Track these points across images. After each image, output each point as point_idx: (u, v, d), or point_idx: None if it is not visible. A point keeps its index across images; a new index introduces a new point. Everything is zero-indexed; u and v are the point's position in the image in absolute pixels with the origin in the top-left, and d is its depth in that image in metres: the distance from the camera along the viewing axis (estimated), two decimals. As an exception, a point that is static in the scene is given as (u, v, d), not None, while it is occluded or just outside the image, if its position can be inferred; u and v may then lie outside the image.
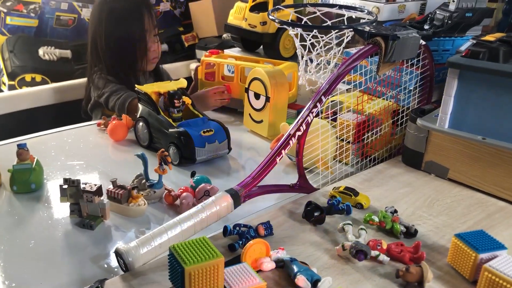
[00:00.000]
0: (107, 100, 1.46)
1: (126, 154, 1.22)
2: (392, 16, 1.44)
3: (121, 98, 1.43)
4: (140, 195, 0.94)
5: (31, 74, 2.00)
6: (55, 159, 1.17)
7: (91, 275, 0.75)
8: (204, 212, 0.77)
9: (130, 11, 1.46)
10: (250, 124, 1.34)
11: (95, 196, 0.88)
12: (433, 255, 0.76)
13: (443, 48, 1.20)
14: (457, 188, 0.99)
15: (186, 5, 2.46)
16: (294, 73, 1.39)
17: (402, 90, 1.15)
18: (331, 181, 1.04)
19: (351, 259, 0.74)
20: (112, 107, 1.45)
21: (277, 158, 0.87)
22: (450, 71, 0.95)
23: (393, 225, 0.81)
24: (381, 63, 0.98)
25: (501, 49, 0.90)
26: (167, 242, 0.72)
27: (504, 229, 0.85)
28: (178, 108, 1.20)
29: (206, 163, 1.16)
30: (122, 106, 1.42)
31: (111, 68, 1.49)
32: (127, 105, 1.41)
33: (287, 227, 0.83)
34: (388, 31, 0.98)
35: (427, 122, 1.02)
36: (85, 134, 1.33)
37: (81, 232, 0.88)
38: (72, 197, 0.90)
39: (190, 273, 0.57)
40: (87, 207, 0.89)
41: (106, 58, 1.49)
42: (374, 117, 1.12)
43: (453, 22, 1.17)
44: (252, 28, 1.56)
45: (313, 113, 0.92)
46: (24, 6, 2.03)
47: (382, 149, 1.15)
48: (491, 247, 0.69)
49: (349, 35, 1.17)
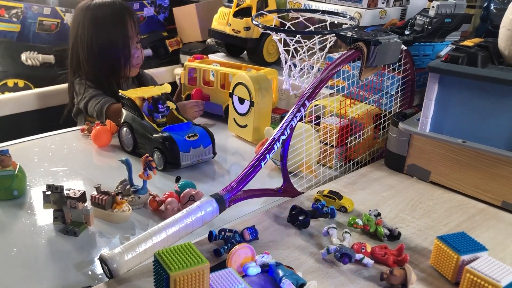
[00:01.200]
0: (86, 105, 1.46)
1: (110, 160, 1.21)
2: (374, 21, 1.46)
3: (99, 104, 1.42)
4: (124, 201, 0.94)
5: (14, 80, 1.98)
6: (38, 165, 1.15)
7: (75, 282, 0.75)
8: (189, 217, 0.77)
9: (113, 18, 1.45)
10: (234, 129, 1.35)
11: (79, 202, 0.87)
12: (416, 257, 0.78)
13: (423, 53, 1.22)
14: (438, 191, 1.00)
15: (170, 10, 2.46)
16: (274, 80, 1.41)
17: (384, 95, 1.17)
18: (315, 184, 1.04)
19: (335, 262, 0.75)
20: (91, 113, 1.45)
21: (261, 163, 0.88)
22: (430, 76, 0.97)
23: (376, 228, 0.82)
24: (363, 68, 0.99)
25: (479, 54, 0.92)
26: (152, 248, 0.72)
27: (484, 231, 0.86)
28: (162, 113, 1.20)
29: (191, 168, 1.16)
30: (100, 111, 1.41)
31: (93, 75, 1.48)
32: (105, 110, 1.41)
33: (272, 231, 0.83)
34: (370, 37, 0.99)
35: (409, 126, 1.03)
36: (68, 140, 1.32)
37: (65, 239, 0.87)
38: (56, 203, 0.89)
39: (175, 279, 0.57)
40: (70, 213, 0.89)
41: (88, 65, 1.48)
42: (357, 121, 1.14)
43: (433, 27, 1.20)
44: (236, 33, 1.56)
45: (297, 117, 0.92)
46: (6, 10, 2.01)
47: (365, 152, 1.17)
48: (473, 248, 0.70)
49: (331, 40, 1.18)
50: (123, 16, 1.47)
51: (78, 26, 1.47)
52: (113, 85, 1.49)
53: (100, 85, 1.49)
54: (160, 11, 2.45)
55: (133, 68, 1.54)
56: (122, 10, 1.47)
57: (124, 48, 1.47)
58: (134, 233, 0.90)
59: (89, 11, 1.45)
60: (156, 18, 2.46)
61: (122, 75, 1.52)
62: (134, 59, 1.52)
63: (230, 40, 1.61)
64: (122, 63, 1.49)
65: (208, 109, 1.48)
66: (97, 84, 1.49)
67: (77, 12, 1.49)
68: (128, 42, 1.48)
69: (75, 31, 1.48)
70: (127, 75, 1.54)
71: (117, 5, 1.47)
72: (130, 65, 1.51)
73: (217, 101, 1.46)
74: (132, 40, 1.50)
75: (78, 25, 1.47)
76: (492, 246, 0.79)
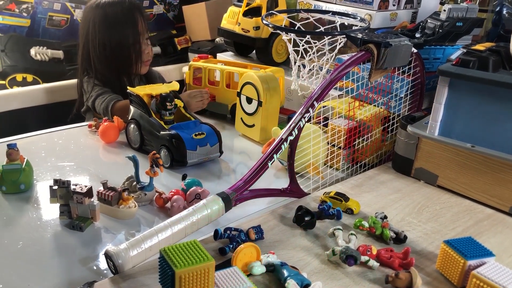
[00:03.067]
0: (94, 104, 1.47)
1: (117, 156, 1.22)
2: (384, 23, 1.46)
3: (105, 102, 1.43)
4: (130, 197, 0.94)
5: (22, 74, 1.99)
6: (45, 160, 1.16)
7: (80, 277, 0.75)
8: (195, 215, 0.77)
9: (124, 16, 1.46)
10: (241, 128, 1.34)
11: (85, 198, 0.88)
12: (422, 261, 0.77)
13: (434, 56, 1.21)
14: (446, 195, 1.00)
15: (179, 8, 2.46)
16: (280, 78, 1.40)
17: (393, 97, 1.16)
18: (322, 186, 1.04)
19: (341, 264, 0.74)
20: (99, 111, 1.46)
21: (268, 162, 0.88)
22: (440, 79, 0.96)
23: (383, 230, 0.81)
24: (373, 70, 0.99)
25: (491, 59, 0.92)
26: (158, 244, 0.72)
27: (491, 236, 0.86)
28: (170, 111, 1.20)
29: (197, 166, 1.16)
30: (106, 109, 1.43)
31: (102, 73, 1.49)
32: (110, 108, 1.42)
33: (278, 231, 0.83)
34: (380, 39, 0.98)
35: (418, 129, 1.02)
36: (76, 135, 1.32)
37: (71, 234, 0.87)
38: (62, 198, 0.89)
39: (181, 276, 0.57)
40: (77, 208, 0.89)
41: (99, 63, 1.49)
42: (365, 123, 1.13)
43: (444, 31, 1.19)
44: (245, 32, 1.56)
45: (305, 118, 0.92)
46: (17, 5, 2.02)
47: (373, 155, 1.16)
48: (479, 254, 0.69)
49: (341, 42, 1.18)
50: (133, 13, 1.47)
51: (88, 24, 1.47)
52: (123, 82, 1.49)
53: (109, 83, 1.49)
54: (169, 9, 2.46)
55: (144, 64, 1.55)
56: (132, 7, 1.48)
57: (135, 45, 1.48)
58: (140, 229, 0.90)
59: (99, 9, 1.46)
60: (165, 15, 2.47)
61: (133, 72, 1.52)
62: (145, 55, 1.53)
63: (239, 39, 1.61)
64: (134, 60, 1.50)
65: (213, 108, 1.47)
66: (106, 83, 1.50)
67: (86, 10, 1.50)
68: (139, 38, 1.49)
69: (85, 29, 1.49)
70: (138, 72, 1.55)
71: (127, 2, 1.48)
72: (141, 62, 1.52)
73: (223, 101, 1.45)
74: (143, 36, 1.51)
75: (88, 24, 1.47)
76: (499, 252, 0.79)
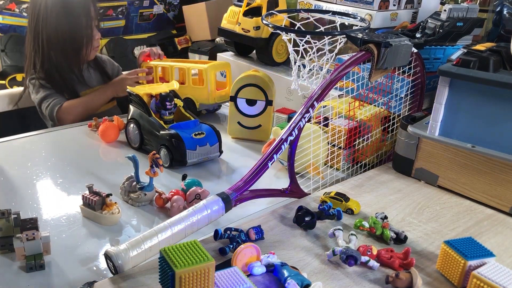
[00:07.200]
0: (40, 108, 1.45)
1: (117, 156, 1.21)
2: (384, 23, 1.46)
3: (49, 108, 1.42)
4: (114, 203, 0.92)
5: (22, 74, 1.99)
6: (46, 160, 1.16)
7: (79, 277, 0.75)
8: (195, 215, 0.77)
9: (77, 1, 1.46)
10: (239, 133, 1.33)
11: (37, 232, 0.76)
12: (422, 261, 0.77)
13: (434, 56, 1.21)
14: (446, 195, 1.00)
15: (179, 8, 2.46)
16: (227, 72, 1.45)
17: (393, 97, 1.16)
18: (322, 186, 1.04)
19: (341, 264, 0.74)
20: (45, 116, 1.44)
21: (269, 163, 0.88)
22: (441, 79, 0.96)
23: (383, 231, 0.81)
24: (373, 70, 0.99)
25: (491, 59, 0.92)
26: (157, 245, 0.72)
27: (492, 237, 0.85)
28: (169, 110, 1.20)
29: (197, 166, 1.16)
30: (51, 115, 1.41)
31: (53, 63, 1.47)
32: (56, 114, 1.40)
33: (278, 231, 0.83)
34: (380, 38, 0.98)
35: (418, 129, 1.02)
36: (76, 135, 1.32)
37: (71, 233, 0.87)
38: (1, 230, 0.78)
39: (181, 276, 0.57)
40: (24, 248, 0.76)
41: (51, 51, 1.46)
42: (365, 123, 1.13)
43: (445, 31, 1.19)
44: (245, 32, 1.56)
45: (305, 118, 0.92)
46: (16, 5, 2.02)
47: (373, 155, 1.16)
48: (480, 254, 0.69)
49: (342, 42, 1.17)
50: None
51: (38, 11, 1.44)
52: (72, 75, 1.49)
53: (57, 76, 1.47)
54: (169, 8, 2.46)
55: (94, 49, 1.55)
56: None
57: (87, 29, 1.48)
58: (140, 230, 0.90)
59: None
60: (165, 15, 2.47)
61: (83, 57, 1.52)
62: (95, 40, 1.53)
63: (239, 39, 1.61)
64: (84, 43, 1.49)
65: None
66: (53, 77, 1.47)
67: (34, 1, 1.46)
68: (91, 23, 1.49)
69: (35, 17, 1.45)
70: (88, 57, 1.54)
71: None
72: (92, 47, 1.52)
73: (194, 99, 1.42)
74: (94, 22, 1.51)
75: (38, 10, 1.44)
76: (500, 252, 0.79)
